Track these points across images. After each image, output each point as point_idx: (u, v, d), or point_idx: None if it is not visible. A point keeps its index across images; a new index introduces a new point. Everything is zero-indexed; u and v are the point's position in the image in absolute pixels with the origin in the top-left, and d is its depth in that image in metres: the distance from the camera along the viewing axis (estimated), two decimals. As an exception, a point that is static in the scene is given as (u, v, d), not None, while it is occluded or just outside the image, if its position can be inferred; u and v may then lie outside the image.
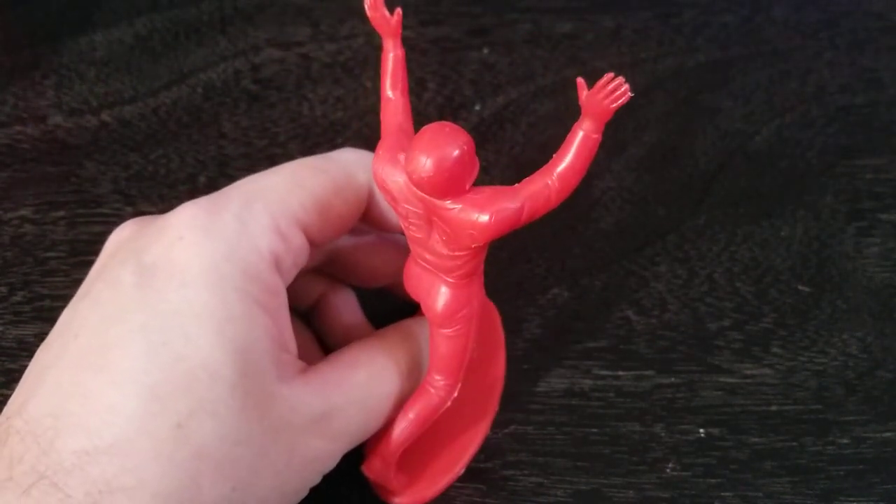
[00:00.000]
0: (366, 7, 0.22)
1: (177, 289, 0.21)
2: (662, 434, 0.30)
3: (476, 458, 0.29)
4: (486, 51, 0.43)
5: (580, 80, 0.19)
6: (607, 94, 0.19)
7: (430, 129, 0.20)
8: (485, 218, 0.20)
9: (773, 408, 0.31)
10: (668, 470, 0.29)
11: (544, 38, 0.44)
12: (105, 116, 0.39)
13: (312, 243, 0.25)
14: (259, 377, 0.21)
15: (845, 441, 0.30)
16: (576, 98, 0.19)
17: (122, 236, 0.24)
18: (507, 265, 0.34)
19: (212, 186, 0.36)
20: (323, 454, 0.23)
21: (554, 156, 0.20)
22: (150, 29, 0.43)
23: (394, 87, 0.23)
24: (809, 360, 0.32)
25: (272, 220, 0.23)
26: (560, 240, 0.35)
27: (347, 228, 0.26)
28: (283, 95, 0.41)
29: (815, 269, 0.35)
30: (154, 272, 0.21)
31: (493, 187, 0.21)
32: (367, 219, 0.27)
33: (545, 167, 0.20)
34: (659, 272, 0.35)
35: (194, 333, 0.21)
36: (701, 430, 0.30)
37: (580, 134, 0.20)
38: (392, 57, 0.22)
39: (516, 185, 0.20)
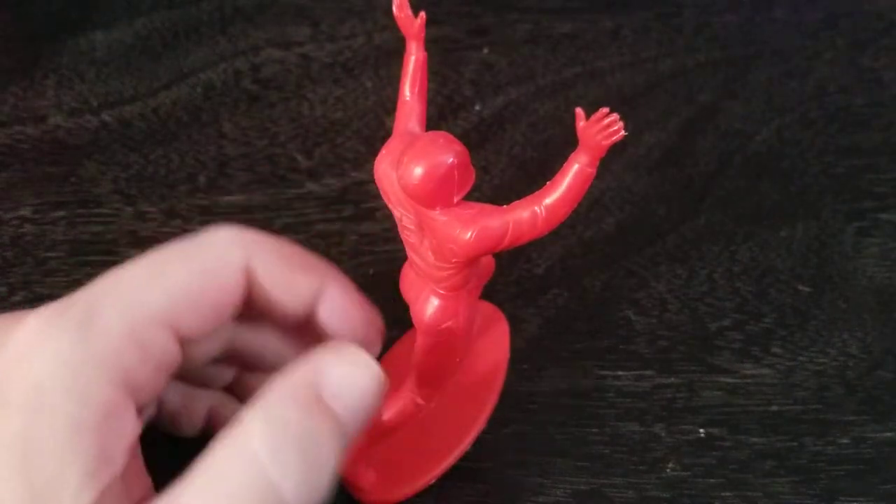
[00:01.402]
0: (393, 7, 0.22)
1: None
2: (662, 434, 0.30)
3: (476, 458, 0.29)
4: (486, 51, 0.43)
5: (578, 111, 0.19)
6: (600, 129, 0.18)
7: (424, 138, 0.20)
8: (466, 234, 0.20)
9: (773, 408, 0.31)
10: (668, 470, 0.29)
11: (544, 38, 0.44)
12: (105, 116, 0.39)
13: (185, 339, 0.22)
14: None
15: (845, 441, 0.30)
16: (576, 97, 0.19)
17: None
18: (507, 265, 0.34)
19: (212, 186, 0.36)
20: None
21: (547, 183, 0.20)
22: (150, 29, 0.43)
23: (412, 90, 0.23)
24: (809, 360, 0.32)
25: (124, 324, 0.20)
26: (560, 240, 0.35)
27: (227, 316, 0.23)
28: (283, 95, 0.41)
29: (815, 269, 0.35)
30: None
31: (481, 205, 0.21)
32: (251, 305, 0.23)
33: (537, 193, 0.20)
34: (659, 272, 0.35)
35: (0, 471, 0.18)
36: (701, 430, 0.30)
37: (575, 167, 0.19)
38: (413, 60, 0.22)
39: (505, 206, 0.20)
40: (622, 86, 0.42)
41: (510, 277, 0.34)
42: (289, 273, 0.23)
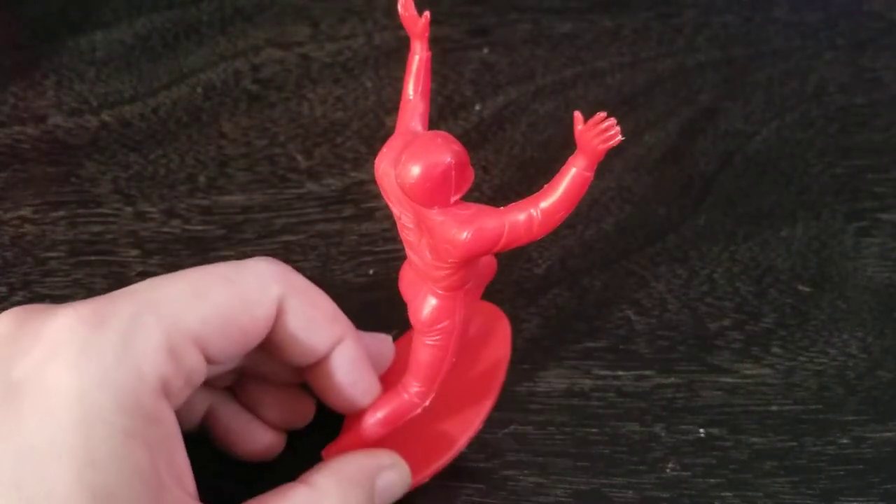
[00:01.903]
0: (398, 6, 0.22)
1: (39, 419, 0.19)
2: (662, 434, 0.30)
3: (476, 458, 0.29)
4: (486, 51, 0.43)
5: (577, 114, 0.18)
6: (598, 133, 0.18)
7: (422, 137, 0.20)
8: (463, 235, 0.20)
9: (773, 408, 0.31)
10: (668, 470, 0.29)
11: (544, 38, 0.44)
12: (105, 116, 0.39)
13: (211, 361, 0.23)
14: None
15: (845, 441, 0.30)
16: (576, 97, 0.19)
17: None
18: (507, 265, 0.34)
19: (212, 186, 0.36)
20: None
21: (545, 186, 0.20)
22: (150, 29, 0.43)
23: (415, 89, 0.23)
24: (809, 360, 0.32)
25: (163, 338, 0.21)
26: (560, 240, 0.35)
27: (253, 346, 0.24)
28: (283, 95, 0.41)
29: (815, 269, 0.35)
30: (19, 393, 0.20)
31: (478, 205, 0.21)
32: (271, 338, 0.24)
33: (534, 196, 0.20)
34: (659, 272, 0.35)
35: (51, 477, 0.18)
36: (701, 430, 0.30)
37: (572, 171, 0.19)
38: (417, 59, 0.22)
39: (501, 208, 0.20)
40: (622, 86, 0.42)
41: (510, 277, 0.34)
42: (317, 319, 0.24)
